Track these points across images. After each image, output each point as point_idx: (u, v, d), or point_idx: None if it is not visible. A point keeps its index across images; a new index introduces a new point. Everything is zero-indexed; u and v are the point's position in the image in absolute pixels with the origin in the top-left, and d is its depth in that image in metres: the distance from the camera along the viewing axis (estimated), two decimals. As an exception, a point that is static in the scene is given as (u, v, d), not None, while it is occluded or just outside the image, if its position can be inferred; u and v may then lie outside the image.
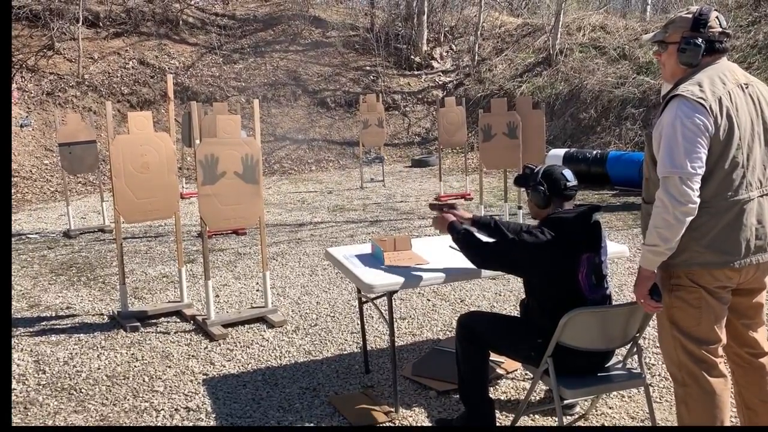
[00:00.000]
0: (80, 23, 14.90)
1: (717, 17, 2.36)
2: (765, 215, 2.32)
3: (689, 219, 2.23)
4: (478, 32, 17.03)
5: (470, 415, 2.97)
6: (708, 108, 2.21)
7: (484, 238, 3.02)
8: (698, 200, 2.22)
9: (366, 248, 3.65)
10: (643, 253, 2.38)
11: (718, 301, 2.34)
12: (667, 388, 3.46)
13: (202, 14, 17.59)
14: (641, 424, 3.10)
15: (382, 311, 3.60)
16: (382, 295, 3.30)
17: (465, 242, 2.98)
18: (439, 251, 3.54)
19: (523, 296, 2.99)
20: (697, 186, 2.21)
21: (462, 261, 3.33)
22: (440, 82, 16.81)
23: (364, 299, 3.74)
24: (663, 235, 2.27)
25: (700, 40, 2.33)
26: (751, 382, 2.52)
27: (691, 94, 2.23)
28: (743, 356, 2.51)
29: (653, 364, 3.73)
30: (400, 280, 3.07)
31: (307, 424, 3.20)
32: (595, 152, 10.60)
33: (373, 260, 3.42)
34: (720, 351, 2.40)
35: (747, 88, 2.33)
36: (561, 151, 10.78)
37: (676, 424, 3.05)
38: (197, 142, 4.50)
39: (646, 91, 12.20)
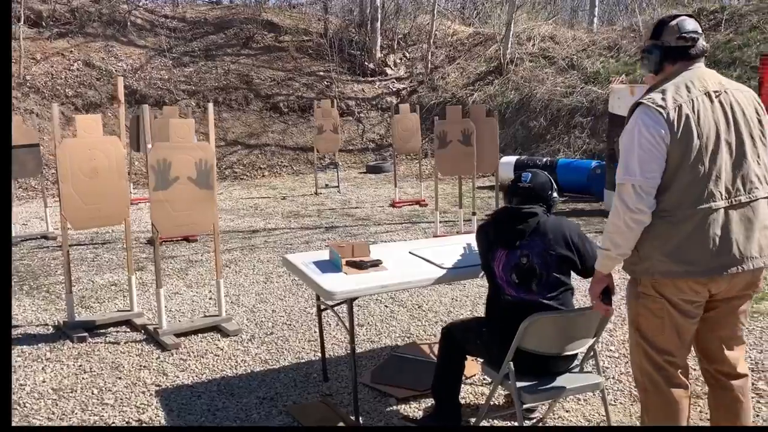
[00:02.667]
0: (21, 22, 14.34)
1: (678, 23, 2.33)
2: (732, 227, 2.25)
3: (640, 227, 2.26)
4: (431, 40, 17.19)
5: (439, 415, 3.00)
6: (665, 116, 2.22)
7: None
8: (651, 209, 2.24)
9: (324, 254, 3.61)
10: (598, 257, 2.45)
11: (682, 315, 2.32)
12: (620, 390, 3.54)
13: (151, 16, 17.19)
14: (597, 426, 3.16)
15: (342, 318, 3.56)
16: (342, 302, 3.27)
17: None
18: (398, 257, 3.53)
19: (480, 302, 3.09)
20: (650, 194, 2.23)
21: (421, 266, 3.33)
22: (394, 89, 16.88)
23: (322, 306, 3.69)
24: (614, 239, 2.32)
25: (656, 48, 2.36)
26: (719, 406, 2.48)
27: (651, 102, 2.25)
28: (711, 373, 2.47)
29: (606, 367, 3.81)
30: (362, 286, 3.05)
31: (265, 435, 3.14)
32: (545, 159, 10.82)
33: (331, 266, 3.38)
34: (681, 362, 2.39)
35: (718, 95, 2.28)
36: (512, 159, 10.95)
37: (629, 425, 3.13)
38: (149, 146, 4.37)
39: (593, 101, 12.53)
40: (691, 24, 2.34)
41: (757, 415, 3.22)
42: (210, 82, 15.76)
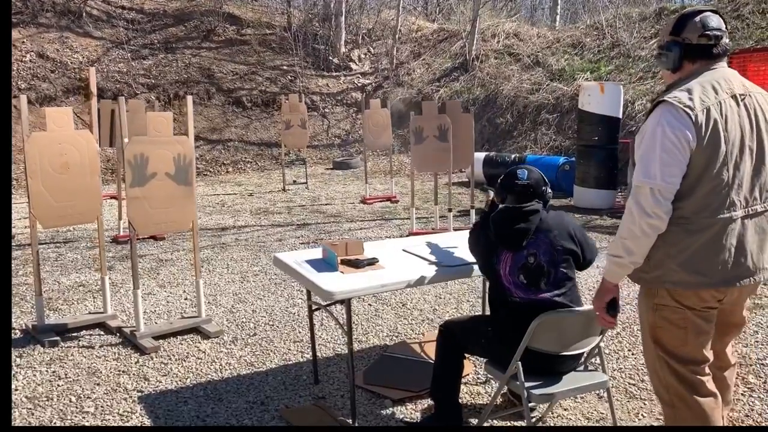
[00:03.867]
0: (-30, 10, 13.67)
1: (702, 19, 2.20)
2: (747, 237, 2.18)
3: (656, 233, 2.15)
4: (396, 36, 17.13)
5: (440, 417, 2.93)
6: (693, 118, 2.09)
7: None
8: (668, 215, 2.13)
9: (316, 253, 3.50)
10: (607, 265, 2.31)
11: (704, 321, 2.24)
12: (615, 387, 3.53)
13: (107, 7, 16.62)
14: (597, 425, 3.14)
15: (337, 318, 3.46)
16: (336, 301, 3.17)
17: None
18: (392, 255, 3.45)
19: (464, 299, 3.04)
20: (669, 199, 2.12)
21: (417, 264, 3.26)
22: (359, 84, 16.76)
23: (314, 306, 3.58)
24: (627, 246, 2.19)
25: (676, 45, 2.24)
26: None
27: (678, 101, 2.12)
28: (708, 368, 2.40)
29: (599, 364, 3.80)
30: (361, 285, 2.95)
31: (260, 442, 3.02)
32: (513, 156, 10.88)
33: (326, 265, 3.28)
34: (707, 369, 2.30)
35: (743, 99, 2.17)
36: (481, 155, 10.98)
37: (630, 425, 3.11)
38: (125, 140, 4.16)
39: (559, 98, 12.67)
40: (715, 20, 2.21)
41: (752, 409, 3.25)
42: (170, 75, 15.36)
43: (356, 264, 3.18)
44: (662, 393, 2.36)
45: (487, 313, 3.19)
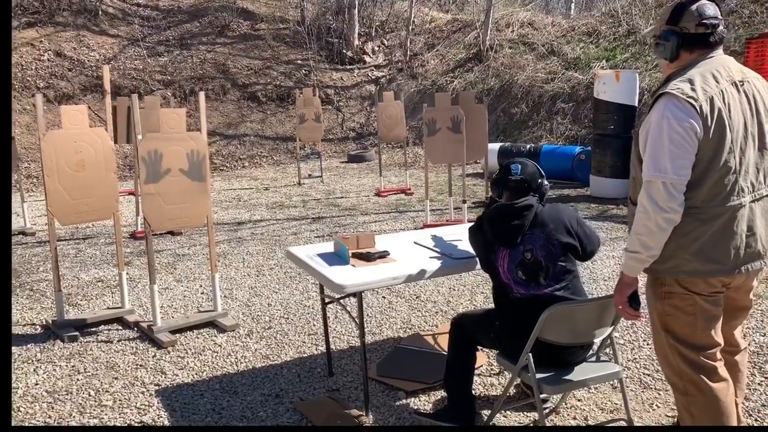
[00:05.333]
0: (-12, 11, 13.85)
1: (699, 8, 2.19)
2: (756, 221, 2.20)
3: (672, 226, 2.15)
4: (410, 27, 17.06)
5: (454, 408, 2.94)
6: (698, 109, 2.09)
7: None
8: (682, 207, 2.12)
9: (328, 247, 3.52)
10: (625, 260, 2.31)
11: (713, 306, 2.25)
12: (630, 377, 3.51)
13: (123, 4, 16.75)
14: (611, 416, 3.13)
15: (349, 311, 3.49)
16: (348, 294, 3.18)
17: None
18: (403, 248, 3.45)
19: (478, 291, 3.04)
20: (681, 192, 2.12)
21: (428, 257, 3.26)
22: (373, 77, 16.74)
23: (327, 299, 3.60)
24: (644, 242, 2.19)
25: (673, 34, 2.23)
26: None
27: (680, 92, 2.11)
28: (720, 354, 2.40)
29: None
30: (372, 278, 2.96)
31: (274, 434, 3.05)
32: (529, 146, 10.81)
33: (337, 259, 3.29)
34: (718, 354, 2.31)
35: (742, 85, 2.19)
36: (496, 146, 10.92)
37: (643, 416, 3.10)
38: (139, 137, 4.21)
39: (575, 86, 12.55)
40: (711, 9, 2.21)
41: (769, 399, 3.22)
42: (186, 71, 15.46)
43: (367, 257, 3.19)
44: (675, 381, 2.35)
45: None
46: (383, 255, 3.24)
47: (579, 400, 3.28)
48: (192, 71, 15.53)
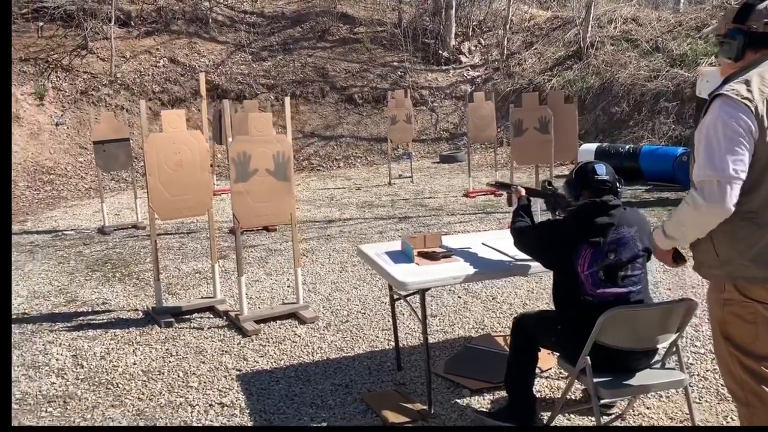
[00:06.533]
0: (113, 23, 15.13)
1: (767, 7, 2.13)
2: None
3: (717, 223, 2.11)
4: (507, 26, 16.86)
5: (513, 408, 2.97)
6: (753, 109, 2.05)
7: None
8: (734, 207, 2.06)
9: (397, 245, 3.64)
10: (659, 237, 2.34)
11: None
12: (706, 388, 3.39)
13: (231, 12, 17.71)
14: (680, 425, 3.04)
15: (414, 309, 3.59)
16: (414, 292, 3.29)
17: (512, 218, 3.25)
18: (471, 248, 3.51)
19: None
20: (737, 190, 2.06)
21: (494, 258, 3.31)
22: (468, 77, 16.69)
23: (396, 296, 3.73)
24: (685, 233, 2.22)
25: (740, 33, 2.18)
26: None
27: (735, 93, 2.08)
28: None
29: (691, 364, 3.66)
30: (434, 277, 3.05)
31: (340, 422, 3.21)
32: (627, 147, 10.42)
33: (403, 257, 3.41)
34: None
35: None
36: (593, 146, 10.62)
37: (716, 425, 2.99)
38: (229, 140, 4.52)
39: (680, 84, 11.95)
40: None
41: None
42: (288, 75, 16.11)
43: (432, 256, 3.28)
44: (736, 390, 2.29)
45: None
46: (448, 255, 3.32)
47: (648, 408, 3.21)
48: (293, 75, 16.17)
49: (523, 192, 3.40)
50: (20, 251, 7.23)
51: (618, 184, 2.86)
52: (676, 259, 2.43)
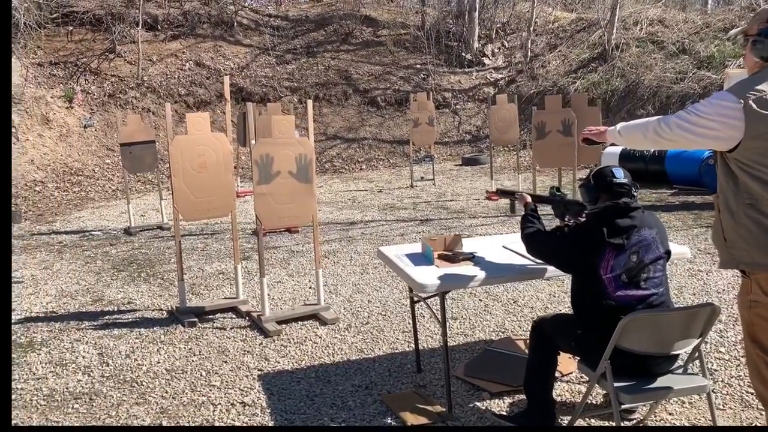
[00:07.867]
0: (140, 27, 15.39)
1: None
2: None
3: (652, 144, 2.47)
4: (531, 28, 16.78)
5: (532, 411, 2.96)
6: (744, 104, 2.13)
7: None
8: (670, 142, 2.37)
9: (417, 247, 3.65)
10: (613, 133, 2.67)
11: None
12: (730, 395, 3.34)
13: (255, 16, 17.90)
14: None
15: (434, 311, 3.60)
16: (434, 294, 3.29)
17: (522, 224, 3.20)
18: (491, 251, 3.51)
19: None
20: (683, 137, 2.30)
21: (514, 261, 3.30)
22: (492, 79, 16.64)
23: (416, 298, 3.74)
24: (631, 138, 2.56)
25: None
26: None
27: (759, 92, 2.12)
28: None
29: (716, 370, 3.61)
30: (453, 280, 3.06)
31: (359, 423, 3.23)
32: (653, 150, 10.30)
33: (423, 259, 3.42)
34: None
35: None
36: (617, 149, 10.50)
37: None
38: (253, 142, 4.58)
39: (707, 86, 11.78)
40: None
41: None
42: (311, 78, 16.23)
43: (452, 258, 3.29)
44: (763, 393, 2.29)
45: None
46: (468, 257, 3.32)
47: (670, 414, 3.17)
48: (317, 78, 16.29)
49: (529, 198, 3.37)
50: (49, 251, 7.39)
51: (634, 188, 2.85)
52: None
